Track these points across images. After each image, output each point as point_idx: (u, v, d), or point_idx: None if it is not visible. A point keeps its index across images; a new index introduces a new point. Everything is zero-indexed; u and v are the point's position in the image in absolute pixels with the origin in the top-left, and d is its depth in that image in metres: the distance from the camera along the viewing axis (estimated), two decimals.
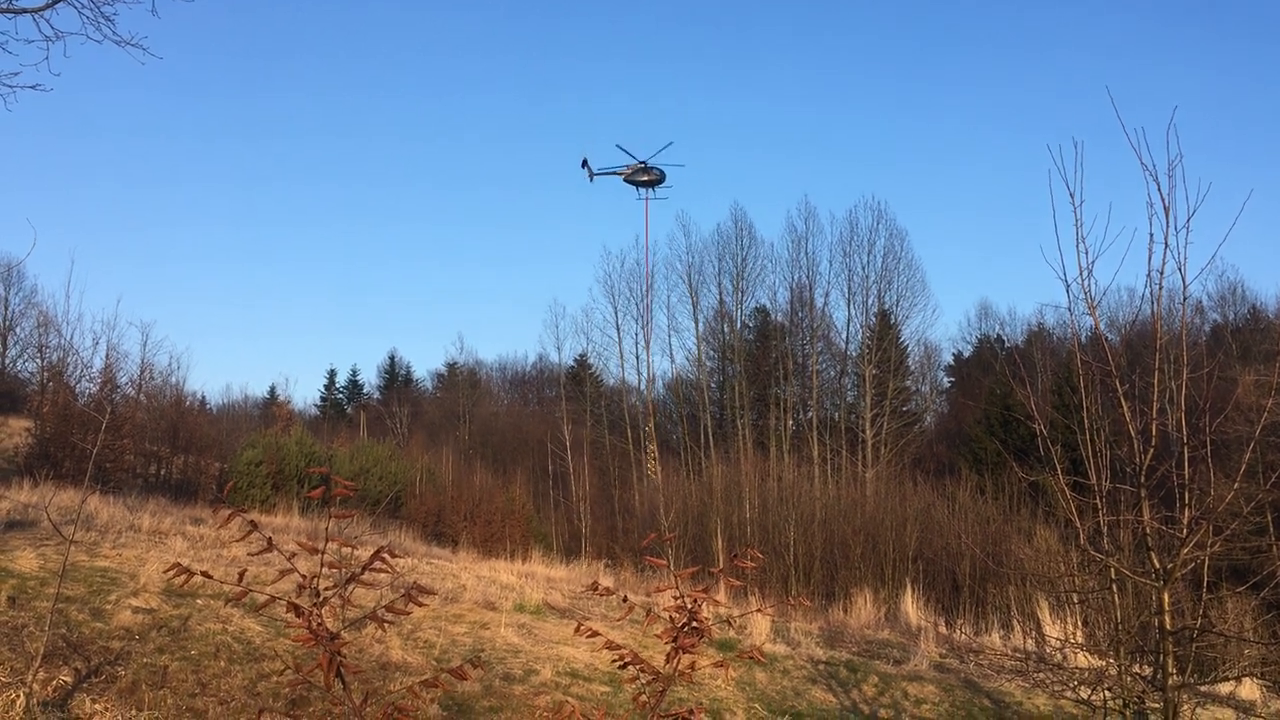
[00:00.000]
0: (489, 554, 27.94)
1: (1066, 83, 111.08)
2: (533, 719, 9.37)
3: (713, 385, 59.52)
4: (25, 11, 7.63)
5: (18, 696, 7.26)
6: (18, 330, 37.36)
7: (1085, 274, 7.62)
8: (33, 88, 8.11)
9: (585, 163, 54.85)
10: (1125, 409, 7.42)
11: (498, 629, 13.08)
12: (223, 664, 9.30)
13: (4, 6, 7.55)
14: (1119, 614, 7.79)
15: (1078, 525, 7.72)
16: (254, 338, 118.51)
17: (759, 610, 3.72)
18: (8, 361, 37.49)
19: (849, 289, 55.36)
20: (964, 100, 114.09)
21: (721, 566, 3.36)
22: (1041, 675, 8.86)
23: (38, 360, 36.49)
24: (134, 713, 7.70)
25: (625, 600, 3.29)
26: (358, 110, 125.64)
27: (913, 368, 58.21)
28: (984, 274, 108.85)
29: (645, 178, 54.75)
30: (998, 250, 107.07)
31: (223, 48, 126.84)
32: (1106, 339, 8.04)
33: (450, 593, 15.25)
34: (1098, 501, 7.71)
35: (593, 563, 32.00)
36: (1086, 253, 7.57)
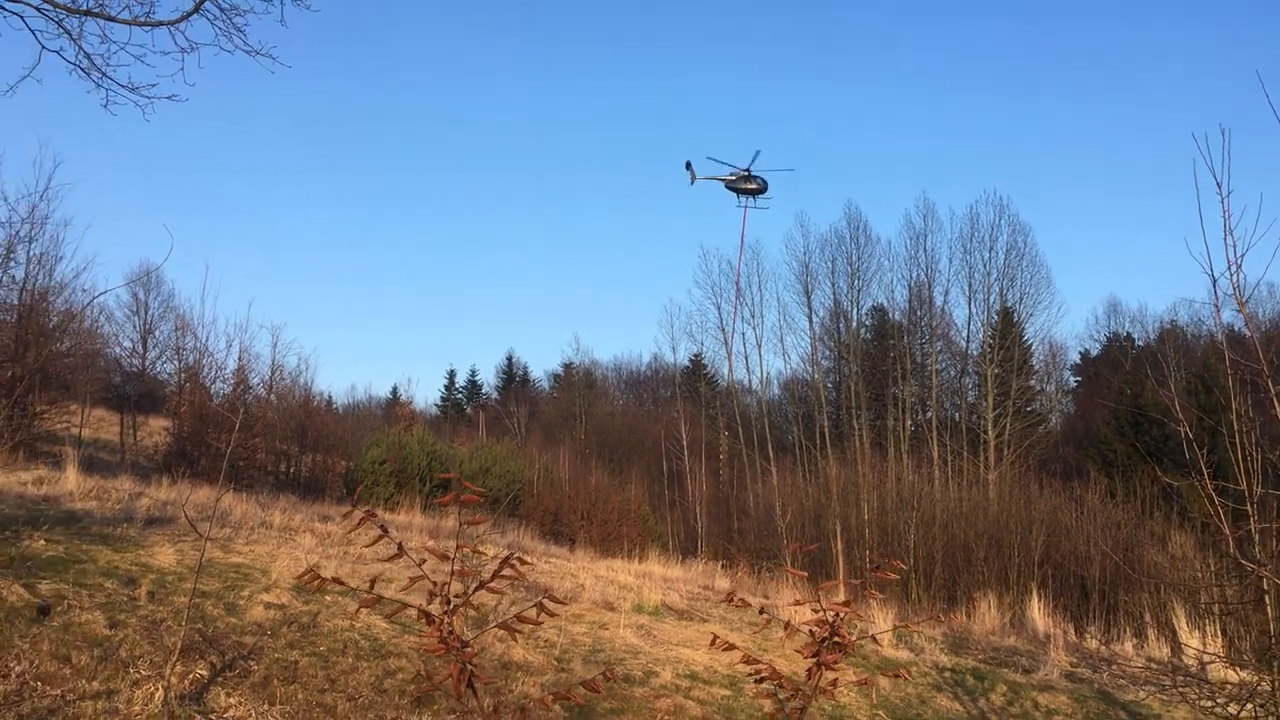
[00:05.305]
0: (606, 553, 28.06)
1: (1205, 69, 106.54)
2: None
3: (828, 385, 58.80)
4: (161, 24, 7.88)
5: (156, 690, 7.50)
6: (157, 333, 38.89)
7: (1234, 268, 7.21)
8: (169, 98, 8.34)
9: (689, 165, 54.73)
10: (1279, 409, 6.99)
11: (616, 629, 13.08)
12: (350, 660, 9.47)
13: (141, 20, 7.81)
14: (1274, 626, 7.35)
15: (1226, 532, 7.30)
16: (377, 340, 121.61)
17: (911, 624, 3.56)
18: (148, 363, 39.09)
19: (969, 286, 54.08)
20: (1092, 88, 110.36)
21: (863, 576, 3.23)
22: (1187, 689, 8.43)
23: (175, 362, 37.91)
24: (266, 707, 7.89)
25: (763, 613, 3.18)
26: (477, 116, 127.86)
27: (1037, 367, 56.53)
28: (1113, 270, 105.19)
29: (747, 186, 54.24)
30: (1128, 245, 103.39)
31: (335, 51, 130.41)
32: (1256, 336, 7.60)
33: (569, 592, 15.33)
34: (1248, 507, 7.30)
35: (708, 563, 31.84)
36: (1234, 246, 7.16)
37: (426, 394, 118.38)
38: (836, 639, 2.79)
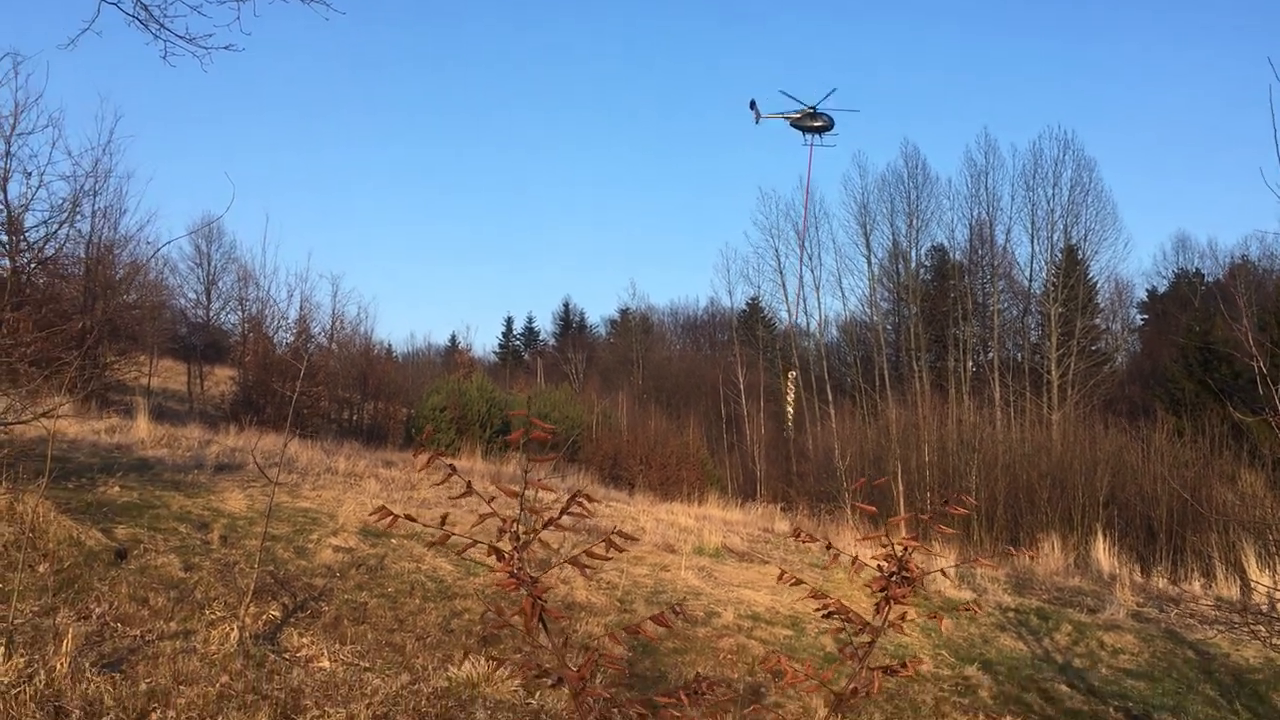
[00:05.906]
0: (665, 497, 28.20)
1: None
2: (716, 661, 9.39)
3: (888, 327, 58.21)
4: None
5: (232, 630, 7.70)
6: (220, 284, 39.64)
7: None
8: (226, 48, 8.36)
9: (753, 104, 53.88)
10: None
11: (678, 571, 13.18)
12: (417, 601, 9.66)
13: None
14: None
15: None
16: (435, 288, 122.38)
17: (980, 561, 3.51)
18: (212, 314, 39.89)
19: (1032, 224, 52.82)
20: (1156, 14, 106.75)
21: (925, 516, 3.20)
22: (1257, 627, 8.31)
23: (239, 312, 38.67)
24: (338, 646, 8.07)
25: (830, 548, 3.17)
26: (531, 55, 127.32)
27: (1102, 305, 55.32)
28: (1181, 204, 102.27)
29: (813, 124, 53.25)
30: (1197, 179, 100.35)
31: None
32: None
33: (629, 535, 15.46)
34: None
35: (768, 506, 31.90)
36: None
37: (485, 341, 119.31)
38: (905, 573, 2.77)
